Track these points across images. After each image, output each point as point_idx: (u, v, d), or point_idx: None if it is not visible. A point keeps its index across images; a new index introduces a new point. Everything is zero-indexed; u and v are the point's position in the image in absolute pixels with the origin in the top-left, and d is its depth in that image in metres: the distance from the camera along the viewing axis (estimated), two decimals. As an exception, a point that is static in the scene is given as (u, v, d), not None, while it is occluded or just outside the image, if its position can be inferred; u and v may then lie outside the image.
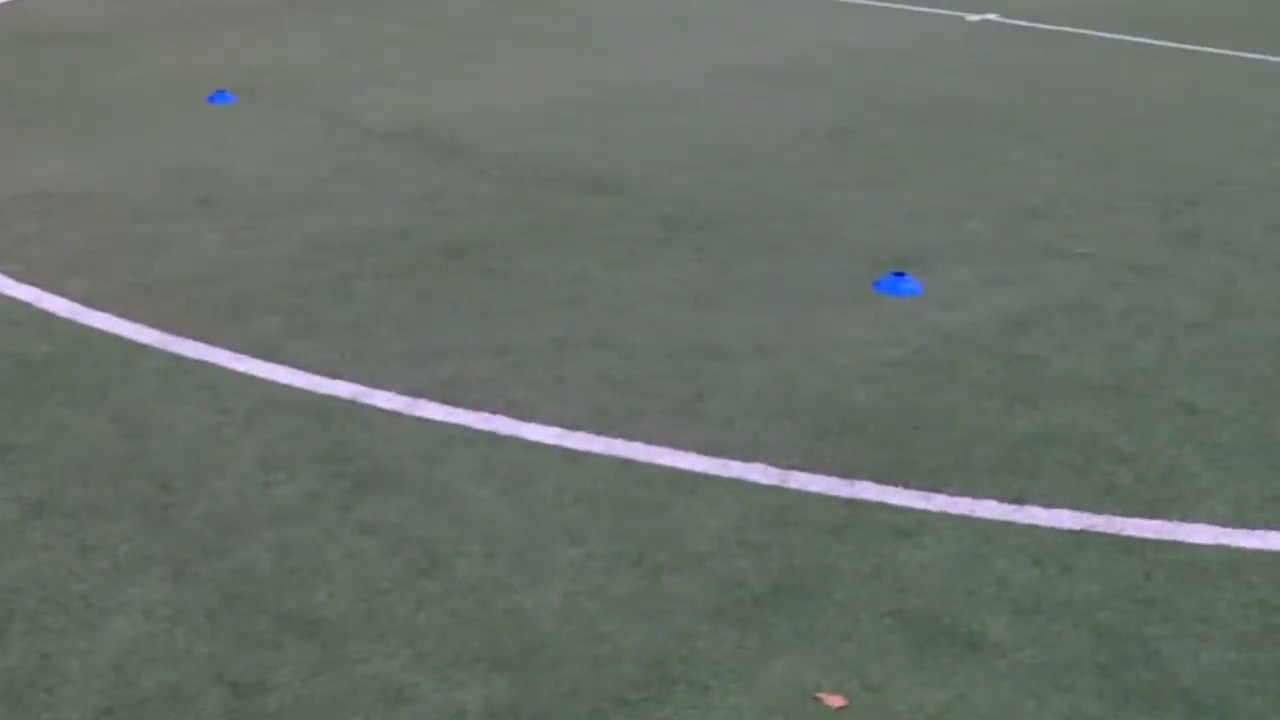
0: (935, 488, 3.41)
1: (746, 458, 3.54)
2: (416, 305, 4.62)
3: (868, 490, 3.39)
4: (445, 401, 3.88)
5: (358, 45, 9.35)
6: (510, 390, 3.95)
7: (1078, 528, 3.23)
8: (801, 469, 3.49)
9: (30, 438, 3.64)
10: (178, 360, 4.14)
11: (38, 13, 10.43)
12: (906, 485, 3.42)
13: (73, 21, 10.06)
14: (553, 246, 5.21)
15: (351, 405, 3.86)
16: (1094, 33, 9.63)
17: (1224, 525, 3.26)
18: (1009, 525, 3.25)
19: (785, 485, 3.41)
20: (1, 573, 3.01)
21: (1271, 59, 8.80)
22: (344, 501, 3.34)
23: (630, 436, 3.66)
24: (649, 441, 3.64)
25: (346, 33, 9.80)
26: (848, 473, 3.47)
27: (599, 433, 3.69)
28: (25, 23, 10.06)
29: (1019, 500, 3.36)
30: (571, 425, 3.72)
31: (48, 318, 4.44)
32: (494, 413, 3.80)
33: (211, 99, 7.52)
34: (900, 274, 4.82)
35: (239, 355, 4.17)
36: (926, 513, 3.29)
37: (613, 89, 8.03)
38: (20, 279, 4.76)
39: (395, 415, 3.80)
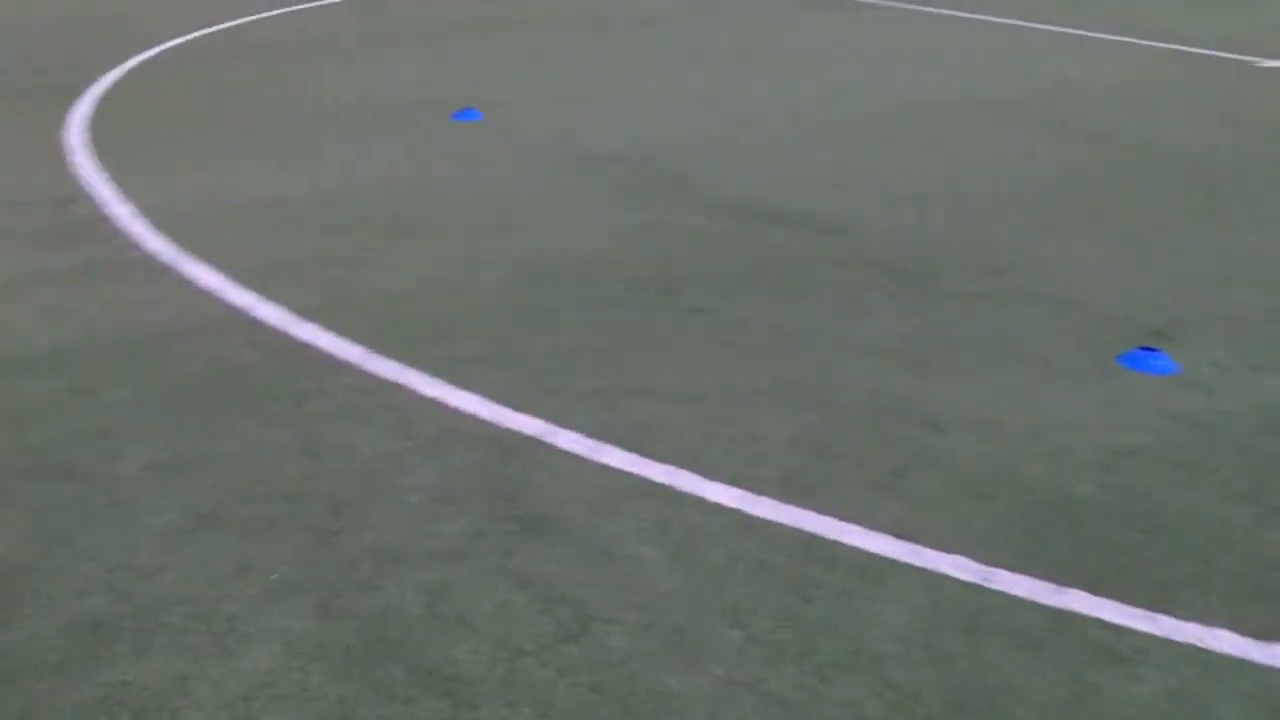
0: (1162, 606, 2.97)
1: (945, 547, 3.19)
2: (617, 341, 4.44)
3: (1079, 601, 2.99)
4: (630, 448, 3.67)
5: (591, 63, 9.36)
6: (699, 443, 3.72)
7: (1331, 675, 2.76)
8: (1006, 567, 3.11)
9: (216, 447, 3.64)
10: (372, 380, 4.09)
11: (285, 25, 10.89)
12: (1127, 600, 2.99)
13: (320, 34, 10.44)
14: (765, 289, 4.96)
15: (535, 443, 3.71)
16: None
17: None
18: (1247, 664, 2.79)
19: (985, 584, 3.05)
20: (158, 585, 2.98)
21: None
22: (507, 546, 3.17)
23: (819, 508, 3.37)
24: (839, 516, 3.33)
25: (581, 50, 9.84)
26: (1059, 577, 3.08)
27: (785, 500, 3.40)
28: (272, 35, 10.51)
29: (1265, 636, 2.89)
30: (757, 488, 3.46)
31: (257, 326, 4.48)
32: (678, 466, 3.57)
33: (457, 115, 7.62)
34: (1151, 349, 4.35)
35: (433, 379, 4.08)
36: (1147, 636, 2.86)
37: (832, 120, 7.74)
38: (240, 284, 4.83)
39: (577, 459, 3.62)
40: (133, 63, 9.15)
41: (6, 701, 2.59)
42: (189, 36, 10.28)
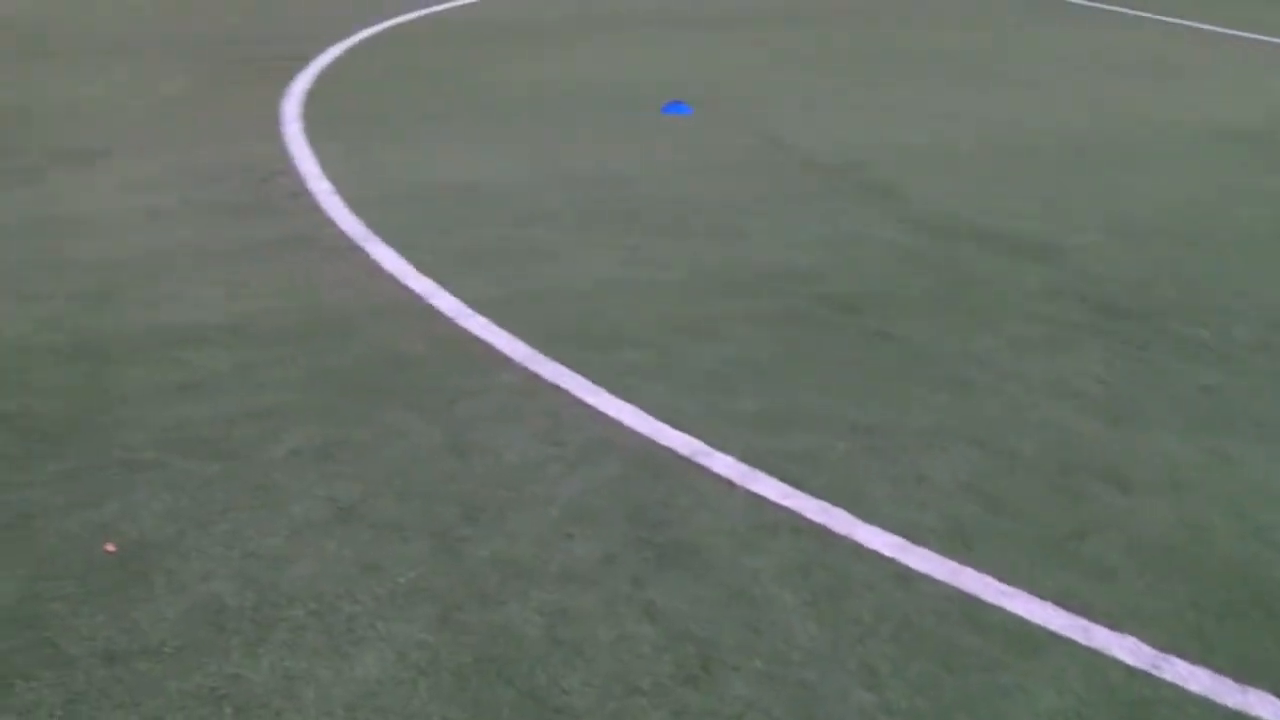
0: (1361, 722, 2.62)
1: (1116, 625, 2.89)
2: (790, 360, 4.24)
3: (1265, 706, 2.65)
4: (786, 479, 3.48)
5: (797, 63, 9.10)
6: (860, 479, 3.49)
7: None
8: (1183, 655, 2.79)
9: (368, 436, 3.61)
10: (533, 380, 4.00)
11: (496, 8, 10.96)
12: (1321, 710, 2.65)
13: (531, 19, 10.47)
14: (958, 315, 4.66)
15: (686, 463, 3.55)
16: None
17: None
18: None
19: (1155, 672, 2.74)
20: (286, 576, 2.95)
21: None
22: (639, 574, 3.02)
23: (981, 565, 3.10)
24: (1002, 577, 3.06)
25: (800, 49, 9.58)
26: (1243, 673, 2.74)
27: (945, 553, 3.15)
28: (481, 18, 10.58)
29: None
30: (916, 537, 3.21)
31: (432, 315, 4.46)
32: (834, 503, 3.36)
33: (666, 109, 7.51)
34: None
35: (593, 386, 3.97)
36: (1339, 756, 2.53)
37: (1050, 135, 7.28)
38: (423, 270, 4.83)
39: (727, 484, 3.45)
40: (359, 37, 9.39)
41: (120, 681, 2.59)
42: (416, 13, 10.49)
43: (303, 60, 8.41)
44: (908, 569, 3.09)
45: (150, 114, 6.94)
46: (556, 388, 3.96)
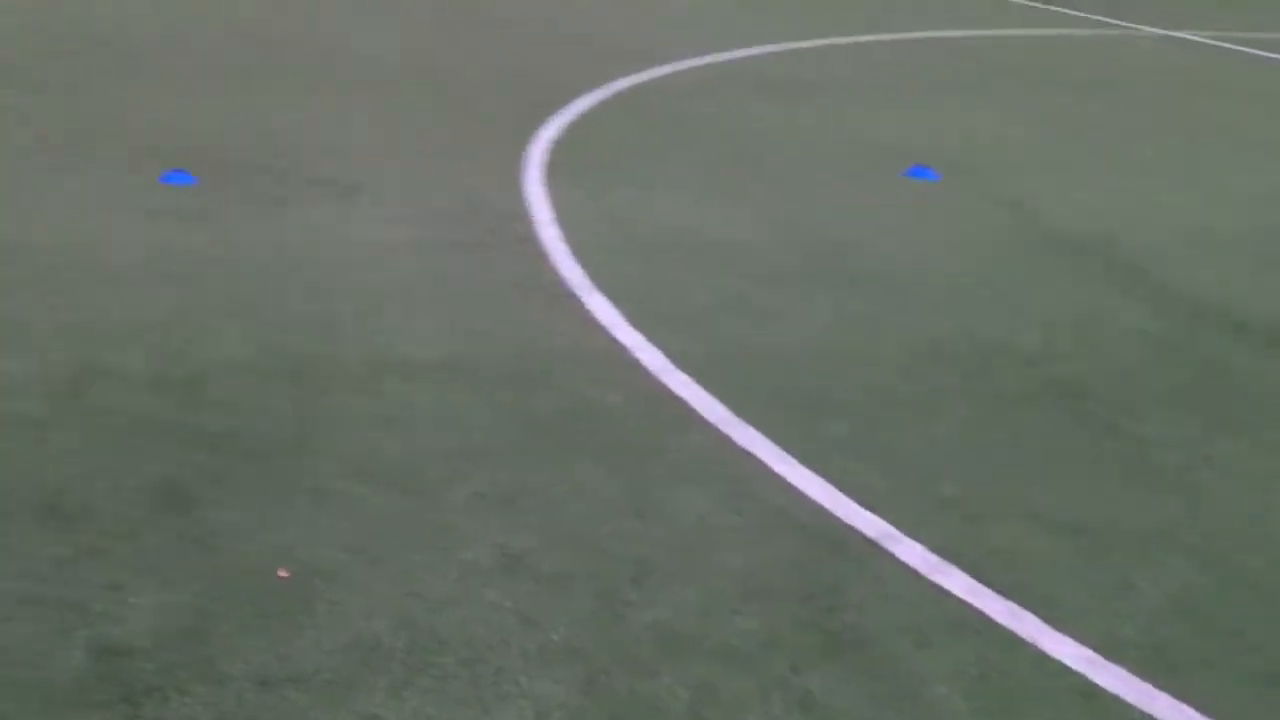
0: None
1: (1332, 781, 2.56)
2: (1002, 446, 3.99)
3: None
4: (975, 574, 3.25)
5: (1068, 132, 8.69)
6: (1057, 583, 3.23)
7: None
8: None
9: (550, 486, 3.59)
10: (724, 444, 3.90)
11: (773, 63, 10.93)
12: None
13: (802, 75, 10.40)
14: (1200, 412, 4.30)
15: (871, 547, 3.37)
16: None
17: None
18: None
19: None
20: (443, 621, 2.94)
21: None
22: (800, 660, 2.87)
23: (1182, 694, 2.80)
24: (1205, 710, 2.75)
25: (1061, 117, 9.16)
26: None
27: (1142, 674, 2.87)
28: (752, 70, 10.57)
29: None
30: (1111, 652, 2.94)
31: (634, 368, 4.42)
32: (1024, 605, 3.11)
33: (910, 172, 7.31)
34: None
35: (785, 455, 3.83)
36: None
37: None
38: (634, 322, 4.81)
39: (911, 574, 3.25)
40: (619, 85, 9.54)
41: (269, 707, 2.63)
42: (681, 64, 10.62)
43: (558, 106, 8.61)
44: (1095, 686, 2.82)
45: (403, 150, 7.23)
46: (747, 453, 3.84)
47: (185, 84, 8.70)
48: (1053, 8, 16.19)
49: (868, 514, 3.52)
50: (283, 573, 3.08)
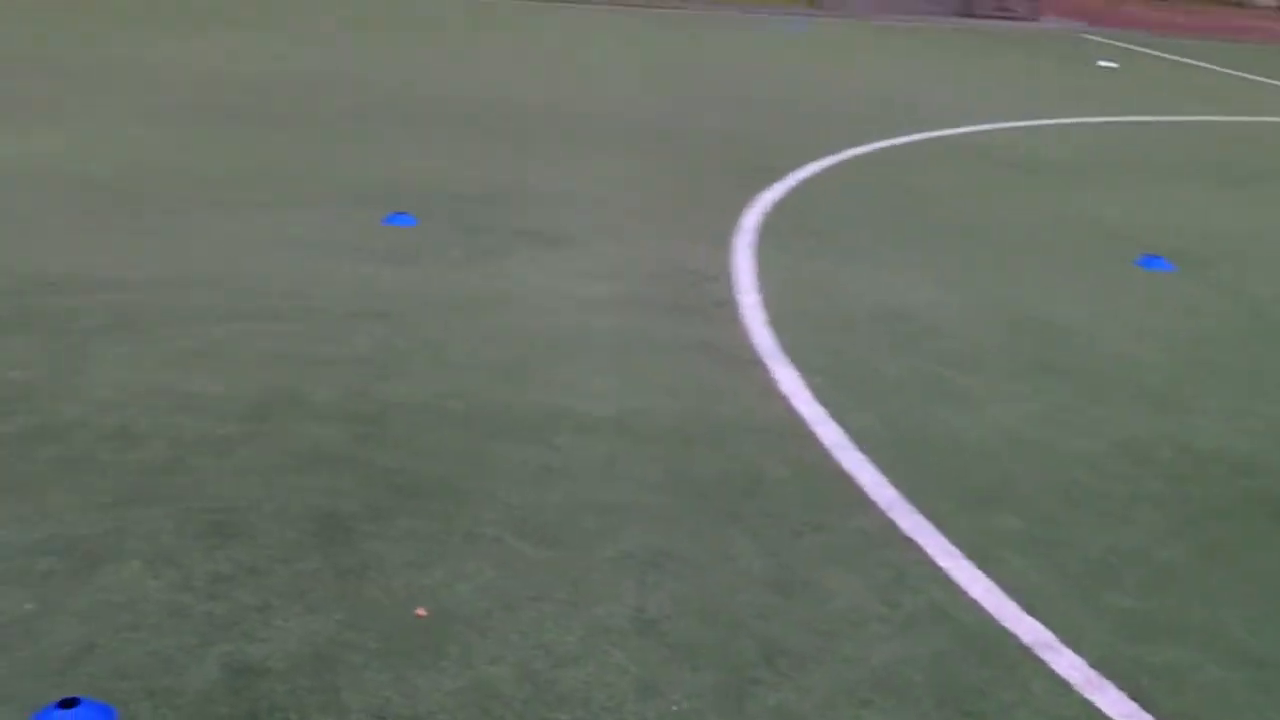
0: None
1: None
2: (1192, 559, 3.72)
3: None
4: (1136, 695, 3.03)
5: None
6: (1228, 712, 2.97)
7: None
8: None
9: (699, 552, 3.53)
10: (888, 530, 3.77)
11: (1000, 141, 10.62)
12: None
13: (1044, 153, 10.08)
14: None
15: (1026, 654, 3.18)
16: None
17: None
18: None
19: None
20: (565, 677, 2.92)
21: None
22: (927, 764, 2.73)
23: None
24: None
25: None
26: None
27: (1307, 831, 2.60)
28: (991, 144, 10.29)
29: None
30: (1275, 802, 2.68)
31: (808, 441, 4.33)
32: (1182, 735, 2.89)
33: (1142, 261, 6.97)
34: None
35: (951, 547, 3.67)
36: None
37: None
38: (817, 395, 4.72)
39: (1064, 687, 3.05)
40: (847, 154, 9.48)
41: (381, 744, 2.67)
42: (916, 136, 10.47)
43: (782, 172, 8.61)
44: (1251, 839, 2.58)
45: (620, 206, 7.36)
46: (909, 541, 3.70)
47: (422, 133, 9.12)
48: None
49: (1028, 618, 3.33)
50: (421, 612, 3.14)
